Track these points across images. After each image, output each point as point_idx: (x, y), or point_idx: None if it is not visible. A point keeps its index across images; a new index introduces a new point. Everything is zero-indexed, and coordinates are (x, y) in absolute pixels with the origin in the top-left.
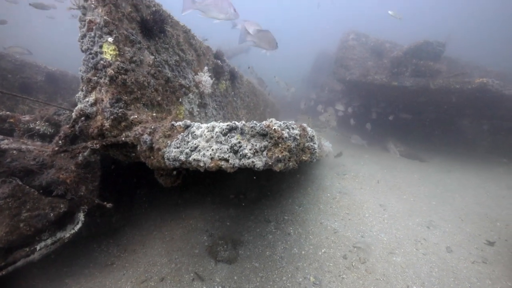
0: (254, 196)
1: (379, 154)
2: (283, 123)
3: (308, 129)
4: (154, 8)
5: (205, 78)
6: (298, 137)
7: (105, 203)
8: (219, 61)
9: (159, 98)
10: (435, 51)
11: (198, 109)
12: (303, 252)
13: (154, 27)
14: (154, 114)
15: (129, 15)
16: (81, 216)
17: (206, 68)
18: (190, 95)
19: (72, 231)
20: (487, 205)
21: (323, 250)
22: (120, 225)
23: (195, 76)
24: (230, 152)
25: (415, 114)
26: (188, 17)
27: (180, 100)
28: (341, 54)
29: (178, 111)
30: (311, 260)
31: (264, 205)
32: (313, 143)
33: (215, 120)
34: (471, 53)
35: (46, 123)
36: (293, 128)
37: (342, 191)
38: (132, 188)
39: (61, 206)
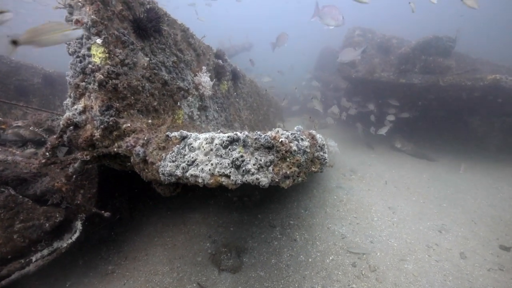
0: (258, 198)
1: (386, 153)
2: (291, 133)
3: (318, 136)
4: (148, 6)
5: (204, 79)
6: (308, 149)
7: (103, 211)
8: (220, 61)
9: (155, 103)
10: (445, 46)
11: (198, 113)
12: (310, 260)
13: (148, 26)
14: (150, 121)
15: (120, 13)
16: (78, 225)
17: (205, 68)
18: (190, 98)
19: (70, 241)
20: (501, 207)
21: (331, 258)
22: (120, 231)
23: (194, 78)
24: (232, 167)
25: (423, 111)
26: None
27: (179, 103)
28: None
29: (176, 116)
30: (318, 269)
31: (268, 209)
32: (323, 153)
33: (217, 123)
34: (478, 47)
35: (40, 129)
36: (302, 140)
37: (349, 193)
38: (132, 191)
39: (57, 215)
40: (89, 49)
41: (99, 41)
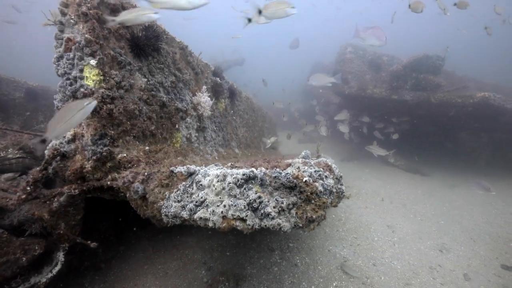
0: None
1: (380, 168)
2: (315, 171)
3: (334, 166)
4: (146, 24)
5: (204, 99)
6: (334, 189)
7: (89, 242)
8: (218, 79)
9: (152, 127)
10: (435, 65)
11: (197, 134)
12: (313, 287)
13: (146, 45)
14: (147, 148)
15: (117, 32)
16: (60, 256)
17: (205, 87)
18: (188, 119)
19: (50, 275)
20: (497, 223)
21: (334, 284)
22: (106, 258)
23: (193, 98)
24: (248, 209)
25: (414, 126)
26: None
27: (177, 126)
28: (339, 67)
29: (174, 140)
30: None
31: (265, 230)
32: (341, 185)
33: (214, 144)
34: (463, 64)
35: (20, 151)
36: (326, 177)
37: (347, 211)
38: (119, 212)
39: (36, 247)
40: (81, 70)
41: (93, 62)
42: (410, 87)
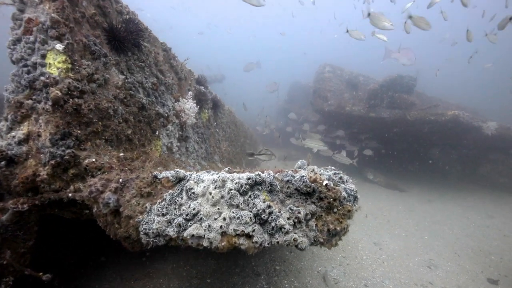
0: None
1: (360, 184)
2: (334, 174)
3: (342, 173)
4: (127, 16)
5: (189, 105)
6: (358, 195)
7: (41, 274)
8: (202, 87)
9: (129, 132)
10: (408, 85)
11: (178, 144)
12: None
13: (126, 39)
14: (122, 154)
15: (92, 18)
16: None
17: (190, 93)
18: (169, 126)
19: None
20: (476, 236)
21: None
22: None
23: (175, 104)
24: (255, 222)
25: (388, 143)
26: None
27: (157, 133)
28: (318, 86)
29: (154, 148)
30: None
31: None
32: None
33: (197, 156)
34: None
35: None
36: (347, 181)
37: None
38: (80, 235)
39: None
40: (43, 56)
41: (59, 47)
42: (386, 105)
